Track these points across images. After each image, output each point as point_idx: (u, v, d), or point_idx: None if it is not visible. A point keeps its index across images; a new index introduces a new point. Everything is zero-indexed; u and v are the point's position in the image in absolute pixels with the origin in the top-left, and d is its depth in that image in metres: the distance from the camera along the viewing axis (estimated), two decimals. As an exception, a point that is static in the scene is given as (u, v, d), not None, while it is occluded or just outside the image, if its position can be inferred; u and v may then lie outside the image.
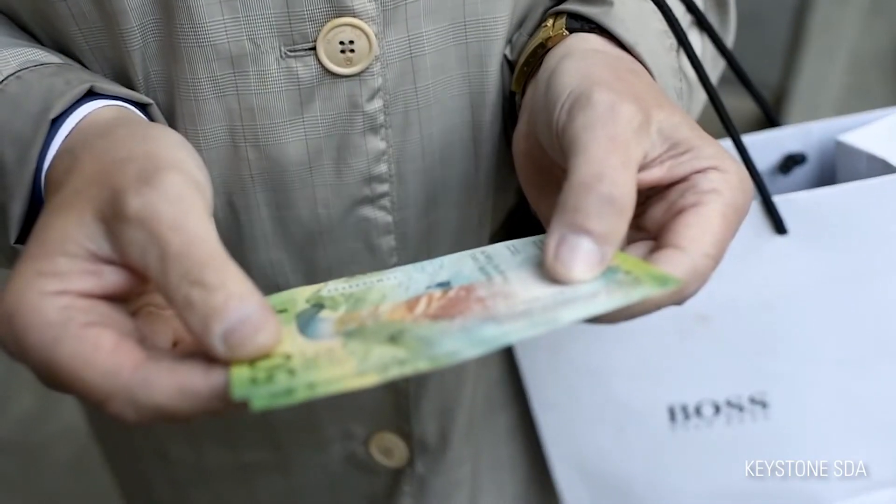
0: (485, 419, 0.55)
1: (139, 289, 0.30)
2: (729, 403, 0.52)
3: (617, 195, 0.29)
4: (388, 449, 0.52)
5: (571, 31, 0.38)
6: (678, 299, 0.32)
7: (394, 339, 0.28)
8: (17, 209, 0.33)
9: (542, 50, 0.38)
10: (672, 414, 0.53)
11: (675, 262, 0.31)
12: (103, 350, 0.27)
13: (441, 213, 0.44)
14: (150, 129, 0.33)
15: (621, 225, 0.30)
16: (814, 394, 0.51)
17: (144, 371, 0.27)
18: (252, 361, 0.27)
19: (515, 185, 0.47)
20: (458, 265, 0.33)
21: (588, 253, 0.30)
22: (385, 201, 0.42)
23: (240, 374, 0.27)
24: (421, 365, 0.26)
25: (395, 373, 0.26)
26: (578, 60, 0.35)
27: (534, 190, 0.39)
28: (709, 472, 0.54)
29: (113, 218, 0.28)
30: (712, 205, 0.31)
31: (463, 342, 0.27)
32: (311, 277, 0.44)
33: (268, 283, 0.44)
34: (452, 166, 0.43)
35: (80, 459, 1.39)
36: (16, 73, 0.35)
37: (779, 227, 0.45)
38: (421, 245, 0.44)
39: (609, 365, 0.52)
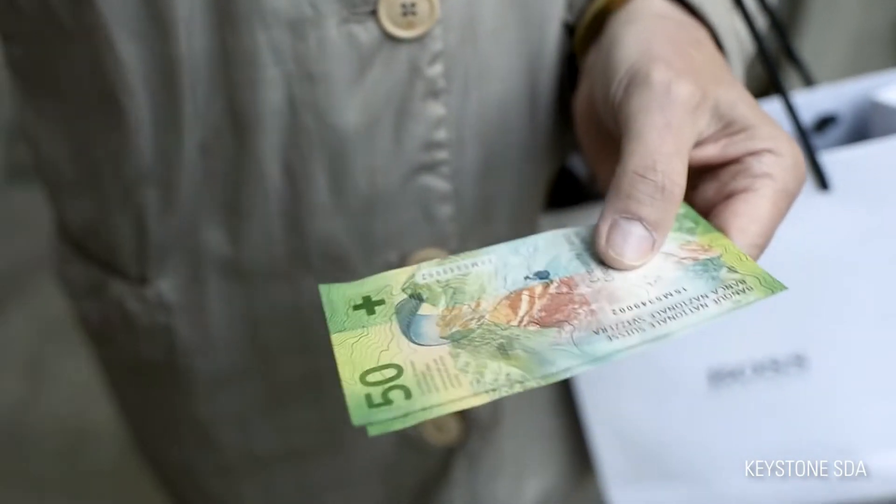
0: (532, 390, 0.55)
1: None
2: (768, 363, 0.52)
3: (668, 185, 0.31)
4: (442, 425, 0.52)
5: None
6: None
7: (503, 350, 0.29)
8: None
9: (604, 14, 0.39)
10: (712, 377, 0.53)
11: None
12: None
13: (497, 179, 0.44)
14: None
15: (672, 212, 0.31)
16: (853, 351, 0.52)
17: None
18: (363, 374, 0.28)
19: (561, 151, 0.47)
20: (554, 249, 0.33)
21: (640, 238, 0.31)
22: (444, 168, 0.42)
23: (355, 393, 0.27)
24: (534, 384, 0.27)
25: (506, 392, 0.27)
26: (640, 29, 0.36)
27: (593, 150, 0.39)
28: (747, 436, 0.55)
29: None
30: (763, 190, 0.32)
31: (575, 359, 0.28)
32: (368, 247, 0.44)
33: (324, 252, 0.44)
34: (510, 131, 0.43)
35: (68, 446, 1.39)
36: None
37: (823, 182, 0.46)
38: (478, 213, 0.44)
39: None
